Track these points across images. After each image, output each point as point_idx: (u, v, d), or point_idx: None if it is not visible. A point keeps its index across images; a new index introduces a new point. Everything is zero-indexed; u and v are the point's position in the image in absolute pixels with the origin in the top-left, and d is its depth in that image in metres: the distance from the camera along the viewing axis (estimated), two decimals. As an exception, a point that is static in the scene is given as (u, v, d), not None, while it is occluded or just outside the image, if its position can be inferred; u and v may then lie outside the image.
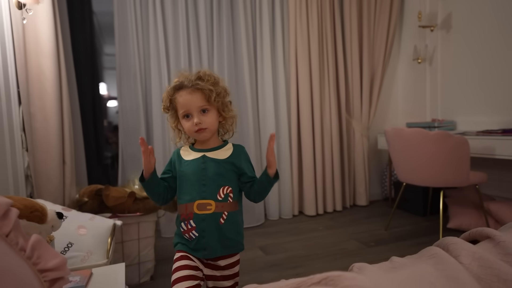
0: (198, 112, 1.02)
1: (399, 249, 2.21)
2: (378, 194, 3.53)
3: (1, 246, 0.58)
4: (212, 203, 1.00)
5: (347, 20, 3.12)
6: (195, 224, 1.00)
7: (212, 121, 1.04)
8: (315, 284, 0.50)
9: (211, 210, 1.00)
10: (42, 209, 0.84)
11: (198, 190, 1.01)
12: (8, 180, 1.63)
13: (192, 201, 1.01)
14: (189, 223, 1.00)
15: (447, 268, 0.60)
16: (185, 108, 1.02)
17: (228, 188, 1.03)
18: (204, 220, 0.99)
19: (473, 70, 2.83)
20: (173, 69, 2.68)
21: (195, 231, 1.00)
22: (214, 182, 1.02)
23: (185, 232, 1.02)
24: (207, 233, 1.00)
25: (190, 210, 1.00)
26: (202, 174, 1.02)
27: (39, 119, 1.90)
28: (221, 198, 1.02)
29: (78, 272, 1.11)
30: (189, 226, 1.01)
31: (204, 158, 1.05)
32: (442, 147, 2.07)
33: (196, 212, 1.00)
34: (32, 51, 1.86)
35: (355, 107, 3.21)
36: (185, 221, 1.01)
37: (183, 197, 1.04)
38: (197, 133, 1.03)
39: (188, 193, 1.02)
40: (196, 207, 1.00)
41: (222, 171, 1.04)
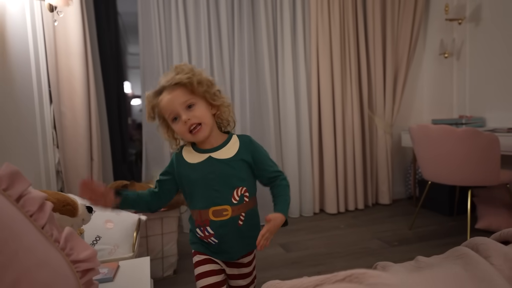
0: (184, 109, 0.91)
1: (423, 250, 2.15)
2: (402, 192, 3.45)
3: (38, 237, 0.62)
4: (228, 208, 0.93)
5: (370, 13, 3.05)
6: (213, 231, 0.94)
7: (202, 113, 0.93)
8: (340, 281, 0.50)
9: (228, 216, 0.93)
10: (74, 203, 0.88)
11: (211, 196, 0.93)
12: (41, 175, 1.71)
13: (206, 208, 0.93)
14: (206, 229, 0.95)
15: (477, 269, 0.58)
16: (169, 110, 0.92)
17: (243, 188, 0.95)
18: (222, 226, 0.93)
19: (503, 64, 2.70)
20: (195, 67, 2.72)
21: (214, 238, 0.95)
22: (226, 186, 0.94)
23: (203, 238, 0.97)
24: (228, 238, 0.95)
25: (205, 217, 0.94)
26: (211, 179, 0.93)
27: (69, 118, 1.98)
28: (236, 201, 0.94)
29: (106, 265, 1.15)
30: (206, 233, 0.95)
31: (211, 160, 0.95)
32: (471, 145, 2.00)
33: (212, 219, 0.93)
34: (62, 52, 1.94)
35: (378, 103, 3.14)
36: (200, 227, 0.96)
37: (195, 204, 0.96)
38: (193, 134, 0.92)
39: (199, 200, 0.95)
40: (212, 214, 0.93)
41: (233, 171, 0.94)
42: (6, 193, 0.60)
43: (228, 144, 0.98)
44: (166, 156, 2.70)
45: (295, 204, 2.99)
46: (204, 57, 2.71)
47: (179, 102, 0.91)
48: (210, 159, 0.94)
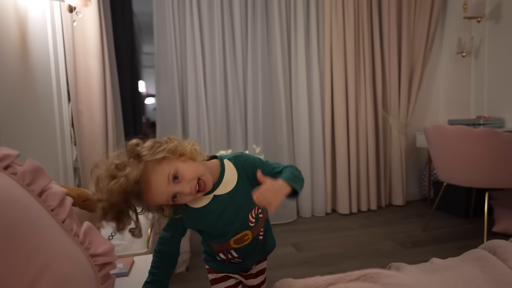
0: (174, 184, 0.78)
1: (438, 252, 2.11)
2: (416, 194, 3.39)
3: (59, 231, 0.64)
4: (248, 233, 0.91)
5: (385, 11, 3.01)
6: (237, 254, 0.93)
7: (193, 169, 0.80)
8: (354, 280, 0.50)
9: (249, 239, 0.91)
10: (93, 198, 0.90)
11: (229, 230, 0.88)
12: (59, 171, 1.76)
13: (227, 241, 0.90)
14: (230, 253, 0.93)
15: (495, 271, 0.57)
16: (164, 198, 0.79)
17: (256, 209, 0.91)
18: (246, 249, 0.93)
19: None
20: (208, 67, 2.74)
21: (238, 258, 0.95)
22: (240, 215, 0.89)
23: (226, 260, 0.96)
24: (251, 255, 0.96)
25: (226, 247, 0.92)
26: (224, 216, 0.87)
27: (86, 116, 2.03)
28: (253, 224, 0.91)
29: (121, 260, 1.17)
30: (229, 256, 0.94)
31: (217, 199, 0.86)
32: (489, 146, 1.95)
33: (234, 247, 0.91)
34: (80, 52, 1.99)
35: (392, 103, 3.10)
36: (223, 252, 0.94)
37: (212, 240, 0.93)
38: (203, 191, 0.82)
39: (217, 237, 0.91)
40: (233, 243, 0.90)
41: (242, 199, 0.87)
42: (29, 188, 0.62)
43: (225, 175, 0.88)
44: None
45: (307, 203, 2.98)
46: (217, 57, 2.73)
47: (164, 183, 0.77)
48: (215, 198, 0.86)
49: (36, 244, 0.56)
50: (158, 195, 0.77)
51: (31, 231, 0.56)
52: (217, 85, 2.76)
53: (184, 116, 2.81)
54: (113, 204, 0.73)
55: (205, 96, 2.74)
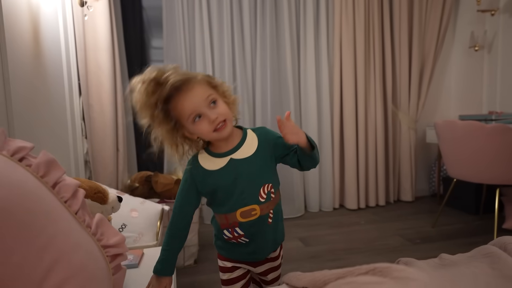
0: (208, 106, 0.84)
1: (447, 248, 2.10)
2: (425, 190, 3.36)
3: (72, 222, 0.65)
4: (256, 208, 0.89)
5: (396, 4, 2.96)
6: (242, 231, 0.90)
7: (226, 109, 0.86)
8: (363, 274, 0.50)
9: (257, 215, 0.89)
10: (104, 191, 0.92)
11: (237, 199, 0.89)
12: (70, 164, 1.79)
13: (233, 211, 0.89)
14: (235, 230, 0.91)
15: (505, 268, 0.57)
16: (191, 110, 0.83)
17: (269, 185, 0.91)
18: (253, 226, 0.90)
19: (540, 57, 2.56)
20: (217, 62, 2.74)
21: (244, 238, 0.91)
22: (252, 185, 0.89)
23: (231, 239, 0.93)
24: (258, 237, 0.92)
25: (232, 220, 0.90)
26: (238, 182, 0.88)
27: (97, 110, 2.05)
28: (263, 200, 0.90)
29: (131, 252, 1.19)
30: (235, 234, 0.91)
31: (233, 163, 0.89)
32: (500, 142, 1.92)
33: (240, 220, 0.89)
34: (91, 46, 2.01)
35: (402, 98, 3.06)
36: (228, 229, 0.92)
37: (220, 208, 0.92)
38: (218, 132, 0.85)
39: (225, 204, 0.90)
40: (239, 215, 0.89)
41: (257, 169, 0.90)
42: (44, 179, 0.63)
43: (246, 141, 0.92)
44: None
45: (315, 198, 2.98)
46: (226, 51, 2.73)
47: (202, 98, 0.83)
48: (232, 162, 0.89)
49: (51, 234, 0.57)
50: (189, 104, 0.82)
51: (45, 222, 0.58)
52: (226, 80, 2.75)
53: (192, 111, 2.82)
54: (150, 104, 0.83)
55: (213, 90, 2.74)
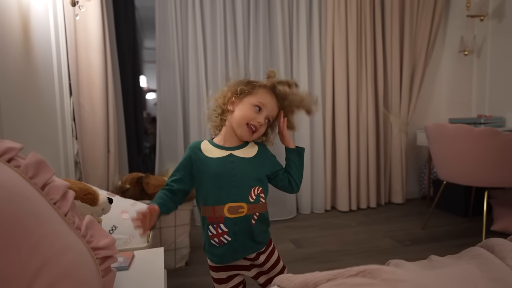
0: (265, 116, 0.99)
1: (437, 250, 2.12)
2: (416, 192, 3.40)
3: (61, 224, 0.64)
4: (244, 206, 0.94)
5: (388, 9, 3.00)
6: (226, 228, 0.94)
7: (263, 131, 1.02)
8: (353, 276, 0.51)
9: (243, 213, 0.94)
10: (94, 192, 0.91)
11: (228, 192, 0.94)
12: (60, 165, 1.76)
13: (222, 204, 0.94)
14: (219, 227, 0.94)
15: (493, 269, 0.58)
16: (264, 102, 0.99)
17: (259, 188, 0.98)
18: (236, 223, 0.94)
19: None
20: (210, 63, 2.74)
21: (227, 236, 0.95)
22: (245, 183, 0.96)
23: (214, 237, 0.95)
24: (238, 236, 0.95)
25: (219, 213, 0.94)
26: (232, 175, 0.95)
27: (87, 110, 2.03)
28: (252, 200, 0.96)
29: (122, 254, 1.18)
30: (219, 231, 0.94)
31: (232, 157, 0.97)
32: (489, 145, 1.95)
33: (227, 215, 0.93)
34: (82, 46, 1.98)
35: (393, 101, 3.10)
36: (213, 224, 0.95)
37: (209, 199, 0.96)
38: (247, 128, 0.97)
39: (215, 194, 0.95)
40: (227, 210, 0.93)
41: (253, 170, 0.98)
42: (32, 181, 0.62)
43: (247, 146, 1.02)
44: (179, 149, 2.74)
45: (306, 200, 2.99)
46: (219, 53, 2.73)
47: (270, 110, 1.00)
48: (231, 156, 0.97)
49: (39, 236, 0.56)
50: (268, 99, 1.00)
51: (34, 224, 0.57)
52: (219, 81, 2.75)
53: (185, 112, 2.81)
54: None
55: (206, 91, 2.73)
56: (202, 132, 2.74)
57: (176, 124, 2.76)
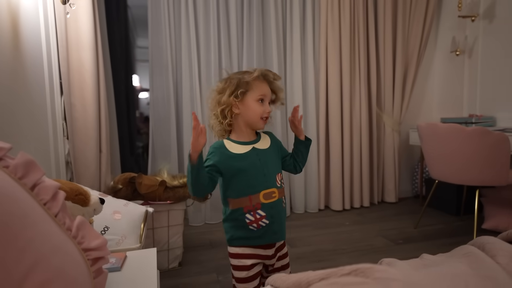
0: (268, 103, 1.09)
1: (429, 248, 2.14)
2: (408, 191, 3.43)
3: (51, 225, 0.63)
4: (275, 191, 1.06)
5: (380, 9, 3.02)
6: (264, 212, 1.04)
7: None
8: (345, 275, 0.51)
9: (276, 197, 1.06)
10: (86, 193, 0.90)
11: (261, 181, 1.05)
12: (51, 165, 1.74)
13: (257, 192, 1.04)
14: (257, 213, 1.04)
15: (483, 267, 0.59)
16: (263, 92, 1.06)
17: (280, 174, 1.11)
18: (273, 207, 1.05)
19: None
20: (203, 62, 2.73)
21: (265, 219, 1.04)
22: (271, 171, 1.08)
23: (253, 222, 1.04)
24: (276, 219, 1.06)
25: (256, 201, 1.04)
26: (261, 165, 1.06)
27: (79, 109, 2.01)
28: (279, 185, 1.08)
29: (114, 255, 1.17)
30: (257, 216, 1.04)
31: (256, 150, 1.08)
32: (480, 144, 1.98)
33: (263, 201, 1.04)
34: (73, 45, 1.96)
35: (386, 101, 3.12)
36: (250, 212, 1.04)
37: (244, 190, 1.05)
38: (262, 121, 1.07)
39: (249, 186, 1.05)
40: (263, 197, 1.04)
41: (274, 159, 1.12)
42: (22, 181, 0.61)
43: (262, 137, 1.13)
44: (172, 149, 2.72)
45: (300, 199, 3.00)
46: (212, 52, 2.72)
47: (269, 92, 1.08)
48: (254, 150, 1.08)
49: (28, 238, 0.56)
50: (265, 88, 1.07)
51: (23, 225, 0.56)
52: (212, 80, 2.74)
53: (178, 111, 2.80)
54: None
55: (199, 91, 2.72)
56: (196, 132, 2.73)
57: (169, 123, 2.75)
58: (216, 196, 2.67)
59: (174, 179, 1.95)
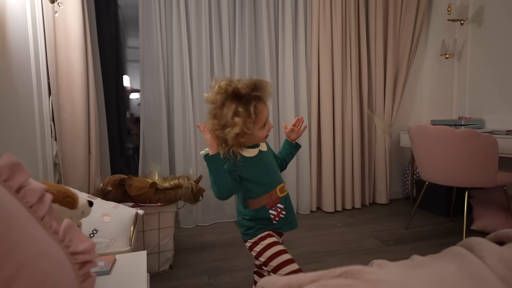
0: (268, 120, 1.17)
1: (419, 249, 2.17)
2: (399, 192, 3.46)
3: (38, 228, 0.62)
4: (284, 185, 1.20)
5: (372, 12, 3.05)
6: (283, 205, 1.16)
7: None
8: (336, 277, 0.50)
9: (286, 190, 1.20)
10: (74, 195, 0.88)
11: (274, 178, 1.17)
12: (38, 167, 1.71)
13: (274, 188, 1.16)
14: (277, 206, 1.15)
15: (471, 268, 0.59)
16: (266, 119, 1.12)
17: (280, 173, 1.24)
18: (286, 199, 1.18)
19: (504, 66, 2.71)
20: (195, 63, 2.72)
21: (284, 211, 1.17)
22: (277, 169, 1.23)
23: (276, 216, 1.15)
24: (289, 209, 1.19)
25: (275, 196, 1.16)
26: (270, 164, 1.19)
27: (67, 110, 1.98)
28: (283, 181, 1.21)
29: (103, 258, 1.15)
30: (278, 209, 1.16)
31: (262, 152, 1.19)
32: (469, 146, 2.01)
33: (279, 195, 1.16)
34: (61, 44, 1.93)
35: (377, 103, 3.15)
36: (272, 207, 1.15)
37: (263, 189, 1.14)
38: (265, 138, 1.17)
39: (266, 184, 1.15)
40: (279, 191, 1.17)
41: (273, 158, 1.25)
42: (7, 184, 0.60)
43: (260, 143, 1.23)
44: (164, 150, 2.70)
45: (292, 201, 2.98)
46: (204, 53, 2.71)
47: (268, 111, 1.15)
48: (260, 151, 1.19)
49: (13, 242, 0.54)
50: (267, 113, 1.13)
51: (7, 229, 0.54)
52: (204, 81, 2.73)
53: (169, 112, 2.78)
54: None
55: (191, 92, 2.71)
56: (187, 133, 2.71)
57: (161, 124, 2.73)
58: (207, 198, 2.66)
59: (165, 181, 1.94)
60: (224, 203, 2.84)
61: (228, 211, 2.86)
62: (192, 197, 1.94)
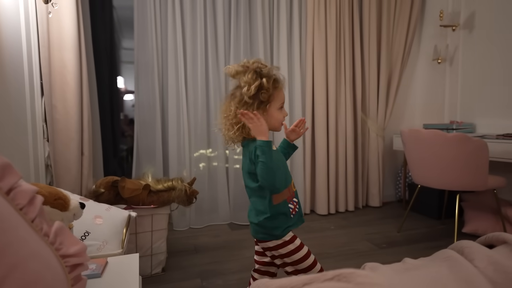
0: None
1: (412, 252, 2.18)
2: (392, 195, 3.49)
3: (28, 230, 0.61)
4: (293, 181, 1.23)
5: (366, 18, 3.08)
6: (296, 199, 1.21)
7: None
8: (328, 280, 0.51)
9: (295, 187, 1.24)
10: (65, 197, 0.87)
11: (288, 174, 1.21)
12: (30, 168, 1.69)
13: (290, 183, 1.19)
14: (293, 200, 1.19)
15: (462, 271, 0.60)
16: (283, 100, 1.19)
17: None
18: (297, 194, 1.23)
19: (495, 71, 2.75)
20: (189, 65, 2.71)
21: (297, 205, 1.21)
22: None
23: (293, 210, 1.18)
24: (300, 204, 1.23)
25: (291, 190, 1.20)
26: (284, 160, 1.25)
27: (60, 111, 1.96)
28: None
29: (94, 261, 1.14)
30: (294, 203, 1.19)
31: (277, 150, 1.24)
32: (460, 150, 2.03)
33: (294, 190, 1.21)
34: (55, 45, 1.91)
35: (371, 106, 3.17)
36: (290, 201, 1.18)
37: (285, 182, 1.17)
38: (281, 125, 1.22)
39: (285, 178, 1.18)
40: (293, 185, 1.22)
41: None
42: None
43: None
44: (157, 152, 2.68)
45: (286, 204, 3.00)
46: (199, 55, 2.71)
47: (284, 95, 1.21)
48: (276, 149, 1.25)
49: (4, 244, 0.53)
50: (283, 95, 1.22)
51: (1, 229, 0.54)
52: (198, 83, 2.73)
53: (163, 114, 2.77)
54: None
55: (185, 93, 2.70)
56: (181, 135, 2.71)
57: (155, 126, 2.71)
58: (200, 200, 2.65)
59: (158, 183, 1.92)
60: (217, 206, 2.83)
61: (221, 213, 2.85)
62: (185, 199, 1.94)
